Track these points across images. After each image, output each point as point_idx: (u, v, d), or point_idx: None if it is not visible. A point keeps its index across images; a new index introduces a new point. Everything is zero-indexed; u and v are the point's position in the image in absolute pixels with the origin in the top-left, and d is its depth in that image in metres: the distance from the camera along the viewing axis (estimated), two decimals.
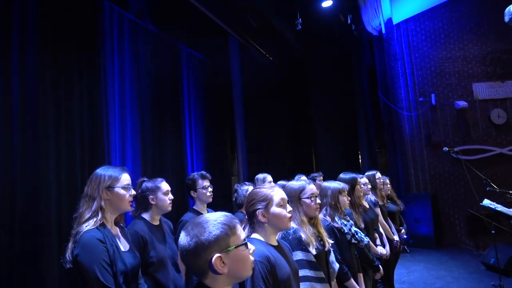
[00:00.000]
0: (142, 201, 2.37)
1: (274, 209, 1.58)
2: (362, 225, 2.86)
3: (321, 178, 5.18)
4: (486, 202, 2.69)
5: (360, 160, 8.26)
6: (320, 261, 1.98)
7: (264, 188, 1.65)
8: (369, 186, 3.77)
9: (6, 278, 3.22)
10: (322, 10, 6.94)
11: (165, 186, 2.43)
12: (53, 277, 3.45)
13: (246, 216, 1.66)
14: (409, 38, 8.21)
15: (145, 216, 2.37)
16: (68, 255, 1.63)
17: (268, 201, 1.58)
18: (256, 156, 8.09)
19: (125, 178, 1.80)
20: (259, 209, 1.58)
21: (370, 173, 4.14)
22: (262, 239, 1.58)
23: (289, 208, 1.62)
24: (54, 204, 3.65)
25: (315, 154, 8.24)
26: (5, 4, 3.58)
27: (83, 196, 1.75)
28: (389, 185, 4.39)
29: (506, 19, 1.07)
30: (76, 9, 4.56)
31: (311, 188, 2.09)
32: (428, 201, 7.29)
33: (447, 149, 4.45)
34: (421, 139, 7.95)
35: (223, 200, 6.72)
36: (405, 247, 6.98)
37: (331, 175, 3.73)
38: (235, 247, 1.08)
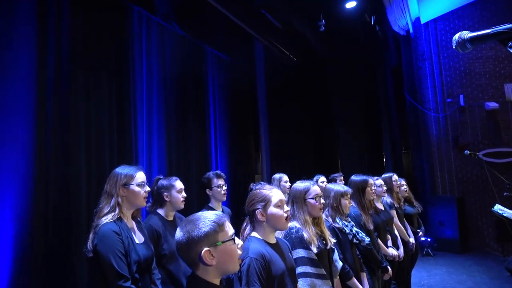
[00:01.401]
0: (157, 198, 2.56)
1: (272, 209, 1.70)
2: (371, 227, 2.92)
3: (342, 178, 5.22)
4: (497, 207, 2.66)
5: (384, 161, 8.18)
6: (322, 259, 2.08)
7: (264, 189, 1.77)
8: (385, 188, 3.80)
9: (40, 267, 3.51)
10: (346, 11, 6.93)
11: (179, 184, 2.60)
12: (83, 267, 3.71)
13: (247, 215, 1.79)
14: (438, 37, 8.04)
15: (160, 211, 2.55)
16: (89, 245, 1.82)
17: (266, 201, 1.71)
18: (279, 156, 8.19)
19: (140, 176, 1.97)
20: (258, 209, 1.70)
21: (386, 175, 4.17)
22: (260, 237, 1.71)
23: (286, 208, 1.73)
24: (84, 199, 3.92)
25: (338, 154, 8.24)
26: (41, 12, 3.88)
27: (103, 193, 1.94)
28: (405, 187, 4.38)
29: (453, 46, 1.12)
30: (107, 14, 4.85)
31: (315, 189, 2.19)
32: (454, 204, 7.15)
33: (468, 152, 4.39)
34: (448, 141, 7.78)
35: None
36: (429, 250, 6.88)
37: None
38: (222, 242, 1.21)
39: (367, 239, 2.59)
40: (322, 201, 2.18)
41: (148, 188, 2.00)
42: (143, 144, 5.37)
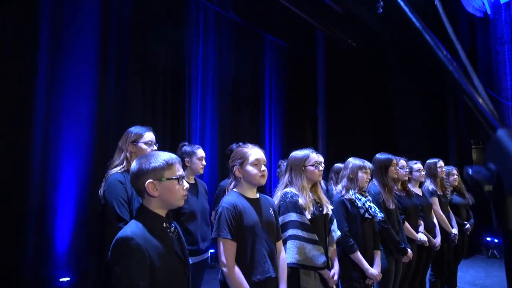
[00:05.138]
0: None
1: (248, 167, 1.80)
2: (392, 207, 2.82)
3: None
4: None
5: (448, 153, 7.52)
6: (316, 225, 2.11)
7: (246, 148, 1.86)
8: (423, 173, 3.61)
9: (97, 226, 4.00)
10: None
11: (200, 152, 2.80)
12: None
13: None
14: None
15: None
16: (100, 191, 2.09)
17: (244, 159, 1.81)
18: (337, 142, 8.04)
19: (148, 136, 2.19)
20: (235, 165, 1.81)
21: (431, 160, 3.96)
22: (238, 192, 1.82)
23: (263, 168, 1.81)
24: None
25: (397, 142, 7.77)
26: (105, 8, 4.38)
27: (117, 148, 2.19)
28: (456, 176, 4.09)
29: None
30: (165, 2, 5.25)
31: (314, 156, 2.22)
32: None
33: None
34: None
35: None
36: (495, 251, 6.27)
37: None
38: (167, 179, 1.35)
39: (380, 215, 2.53)
40: (321, 167, 2.20)
41: (155, 147, 2.20)
42: (196, 123, 5.72)
